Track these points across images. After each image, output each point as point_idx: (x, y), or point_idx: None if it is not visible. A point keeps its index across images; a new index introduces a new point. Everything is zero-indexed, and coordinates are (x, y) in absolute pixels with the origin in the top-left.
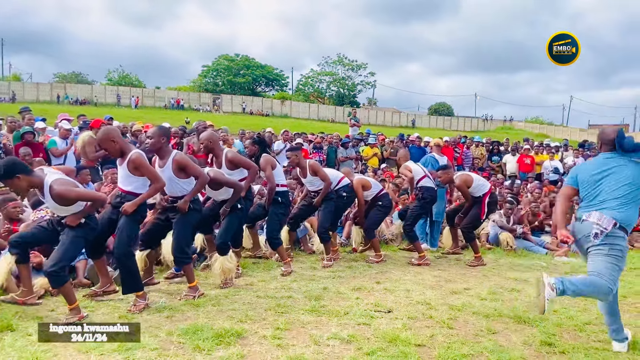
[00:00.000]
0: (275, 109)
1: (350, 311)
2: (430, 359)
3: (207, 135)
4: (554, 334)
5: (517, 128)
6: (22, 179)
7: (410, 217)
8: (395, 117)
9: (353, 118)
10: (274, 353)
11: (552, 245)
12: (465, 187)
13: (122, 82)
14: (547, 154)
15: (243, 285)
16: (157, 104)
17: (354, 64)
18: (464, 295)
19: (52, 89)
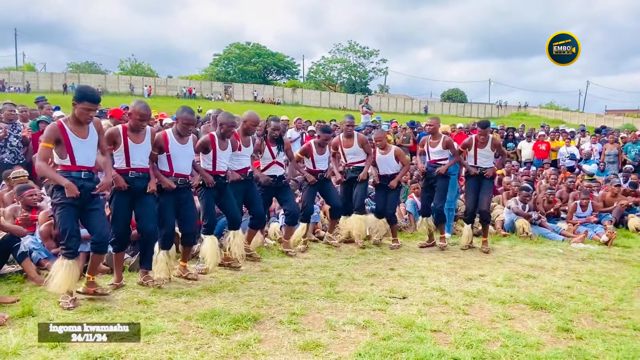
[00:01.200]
0: (287, 97)
1: (365, 297)
2: (446, 344)
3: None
4: (571, 320)
5: (532, 114)
6: None
7: (442, 197)
8: (407, 104)
9: (365, 105)
10: (291, 338)
11: (569, 232)
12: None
13: (134, 72)
14: (563, 140)
15: (258, 272)
16: (169, 93)
17: (365, 51)
18: (479, 281)
19: (65, 79)
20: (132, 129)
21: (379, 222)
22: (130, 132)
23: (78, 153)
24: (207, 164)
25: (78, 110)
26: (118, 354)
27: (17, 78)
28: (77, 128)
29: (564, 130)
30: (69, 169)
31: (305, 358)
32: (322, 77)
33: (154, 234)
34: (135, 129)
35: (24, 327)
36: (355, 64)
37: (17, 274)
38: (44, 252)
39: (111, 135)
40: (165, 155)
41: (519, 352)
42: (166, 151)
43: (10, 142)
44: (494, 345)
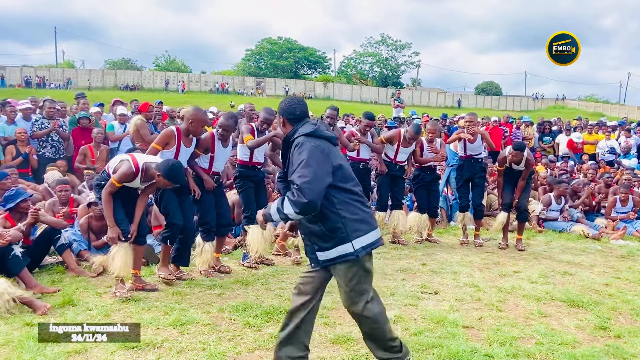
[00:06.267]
0: (318, 91)
1: (396, 292)
2: (478, 340)
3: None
4: (609, 318)
5: (570, 107)
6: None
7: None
8: (440, 98)
9: (397, 99)
10: (322, 331)
11: (608, 228)
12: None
13: (169, 68)
14: (602, 134)
15: (289, 265)
16: (202, 89)
17: (397, 44)
18: (514, 278)
19: (103, 76)
20: (186, 133)
21: (422, 218)
22: (183, 136)
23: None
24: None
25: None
26: (154, 343)
27: (57, 75)
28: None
29: (604, 123)
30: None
31: (336, 351)
32: (354, 71)
33: (193, 231)
34: (192, 133)
35: (65, 316)
36: (387, 57)
37: (58, 265)
38: (83, 244)
39: (168, 136)
40: (209, 156)
41: (554, 350)
42: (212, 152)
43: (51, 137)
44: (528, 343)
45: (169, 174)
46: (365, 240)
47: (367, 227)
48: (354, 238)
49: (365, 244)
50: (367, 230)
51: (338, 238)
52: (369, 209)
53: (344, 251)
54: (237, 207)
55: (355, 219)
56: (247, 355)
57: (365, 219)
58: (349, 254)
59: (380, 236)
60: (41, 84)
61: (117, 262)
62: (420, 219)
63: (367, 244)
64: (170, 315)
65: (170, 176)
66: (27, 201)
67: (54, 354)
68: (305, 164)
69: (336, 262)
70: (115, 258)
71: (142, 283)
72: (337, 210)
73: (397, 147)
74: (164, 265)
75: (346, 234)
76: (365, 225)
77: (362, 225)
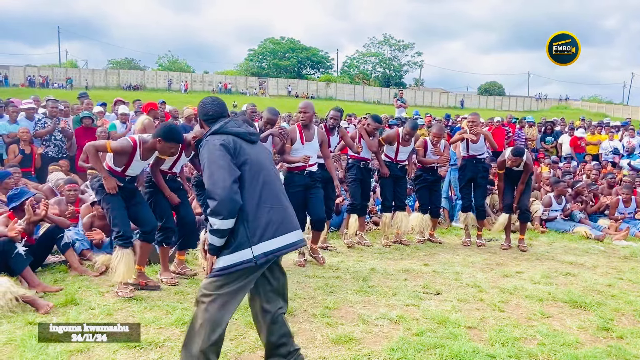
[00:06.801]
0: (321, 91)
1: (398, 292)
2: (480, 341)
3: (312, 106)
4: (611, 319)
5: (573, 107)
6: None
7: (484, 194)
8: (442, 98)
9: (399, 99)
10: (324, 331)
11: (611, 229)
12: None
13: (171, 68)
14: (606, 134)
15: (291, 266)
16: (205, 88)
17: (400, 44)
18: (516, 278)
19: (106, 75)
20: None
21: (424, 218)
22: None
23: None
24: None
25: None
26: (156, 342)
27: (60, 75)
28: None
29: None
30: None
31: (337, 352)
32: (356, 71)
33: (193, 220)
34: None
35: (67, 315)
36: (389, 57)
37: (60, 264)
38: (86, 243)
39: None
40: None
41: (556, 350)
42: None
43: (54, 136)
44: (530, 344)
45: (167, 135)
46: (268, 246)
47: (273, 231)
48: (255, 243)
49: (268, 250)
50: (273, 235)
51: (236, 243)
52: (282, 208)
53: (241, 258)
54: None
55: (259, 222)
56: (249, 354)
57: (272, 221)
58: (246, 260)
59: (298, 239)
60: (44, 83)
61: (120, 269)
62: (422, 219)
63: (270, 250)
64: (172, 314)
65: (169, 137)
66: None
67: (56, 353)
68: (207, 164)
69: (232, 271)
70: (118, 265)
71: (145, 279)
72: (240, 212)
73: (397, 147)
74: (165, 269)
75: (246, 238)
76: (272, 228)
77: (268, 228)
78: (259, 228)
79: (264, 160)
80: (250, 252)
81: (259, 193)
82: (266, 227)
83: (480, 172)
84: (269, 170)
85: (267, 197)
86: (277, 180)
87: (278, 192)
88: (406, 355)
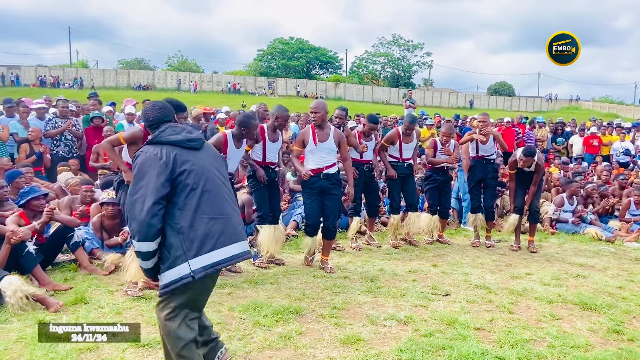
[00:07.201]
0: (330, 91)
1: (407, 293)
2: (489, 342)
3: (324, 105)
4: (622, 322)
5: (584, 108)
6: None
7: (493, 195)
8: (452, 98)
9: (409, 100)
10: (332, 331)
11: (622, 230)
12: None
13: (181, 68)
14: (617, 135)
15: (299, 266)
16: (214, 89)
17: (409, 44)
18: (526, 280)
19: (117, 75)
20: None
21: (432, 219)
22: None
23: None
24: (257, 155)
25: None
26: None
27: (71, 75)
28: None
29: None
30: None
31: (346, 352)
32: (365, 72)
33: None
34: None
35: (77, 313)
36: (399, 57)
37: (70, 262)
38: (96, 242)
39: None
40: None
41: (566, 353)
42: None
43: (65, 136)
44: (540, 346)
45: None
46: (207, 260)
47: (213, 243)
48: (192, 257)
49: (208, 264)
50: (212, 247)
51: (172, 258)
52: (224, 218)
53: (179, 274)
54: (247, 207)
55: (197, 234)
56: (257, 354)
57: (211, 233)
58: (184, 276)
59: (242, 250)
60: (55, 83)
61: (132, 268)
62: (431, 220)
63: (210, 263)
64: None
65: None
66: (40, 199)
67: (66, 351)
68: (135, 180)
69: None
70: (130, 264)
71: None
72: (175, 224)
73: (400, 145)
74: None
75: (182, 252)
76: (211, 240)
77: (207, 240)
78: (196, 241)
79: (207, 167)
80: (187, 266)
81: (196, 203)
82: (204, 239)
83: (489, 172)
84: (212, 177)
85: (207, 207)
86: (222, 188)
87: (220, 200)
88: (414, 356)
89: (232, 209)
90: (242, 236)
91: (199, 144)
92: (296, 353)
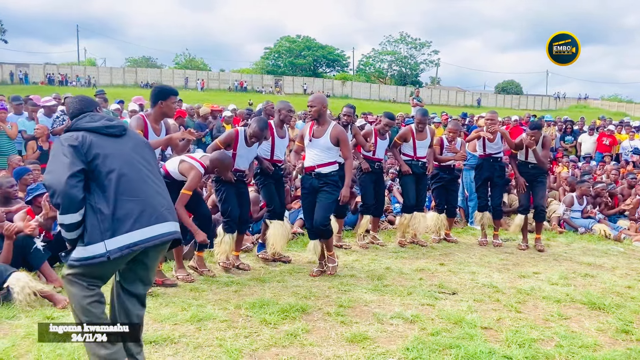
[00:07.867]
0: (336, 89)
1: (413, 291)
2: (497, 342)
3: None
4: (631, 321)
5: (592, 106)
6: None
7: (500, 194)
8: (459, 97)
9: (416, 98)
10: (338, 329)
11: (631, 229)
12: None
13: (188, 66)
14: (626, 134)
15: (306, 264)
16: (221, 87)
17: (416, 42)
18: (533, 279)
19: (124, 73)
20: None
21: (439, 217)
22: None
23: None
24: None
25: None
26: (171, 339)
27: (79, 73)
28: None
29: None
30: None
31: (352, 350)
32: (372, 70)
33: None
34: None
35: None
36: (406, 55)
37: None
38: None
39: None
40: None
41: (574, 352)
42: (234, 149)
43: None
44: (547, 345)
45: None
46: (124, 240)
47: (131, 224)
48: (108, 237)
49: (124, 244)
50: (130, 228)
51: (89, 236)
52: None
53: (93, 252)
54: (253, 205)
55: (115, 215)
56: (264, 352)
57: (129, 214)
58: (98, 255)
59: (166, 231)
60: (64, 81)
61: None
62: (438, 218)
63: (127, 244)
64: (187, 311)
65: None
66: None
67: (73, 348)
68: (50, 160)
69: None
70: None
71: (162, 277)
72: (94, 204)
73: (414, 143)
74: (180, 266)
75: (99, 232)
76: (129, 221)
77: (126, 221)
78: (114, 221)
79: (127, 152)
80: (103, 246)
81: (115, 186)
82: (123, 219)
83: (497, 171)
84: (132, 161)
85: (125, 189)
86: (142, 171)
87: (140, 183)
88: (421, 355)
89: (154, 190)
90: (165, 217)
91: (118, 130)
92: (302, 351)
